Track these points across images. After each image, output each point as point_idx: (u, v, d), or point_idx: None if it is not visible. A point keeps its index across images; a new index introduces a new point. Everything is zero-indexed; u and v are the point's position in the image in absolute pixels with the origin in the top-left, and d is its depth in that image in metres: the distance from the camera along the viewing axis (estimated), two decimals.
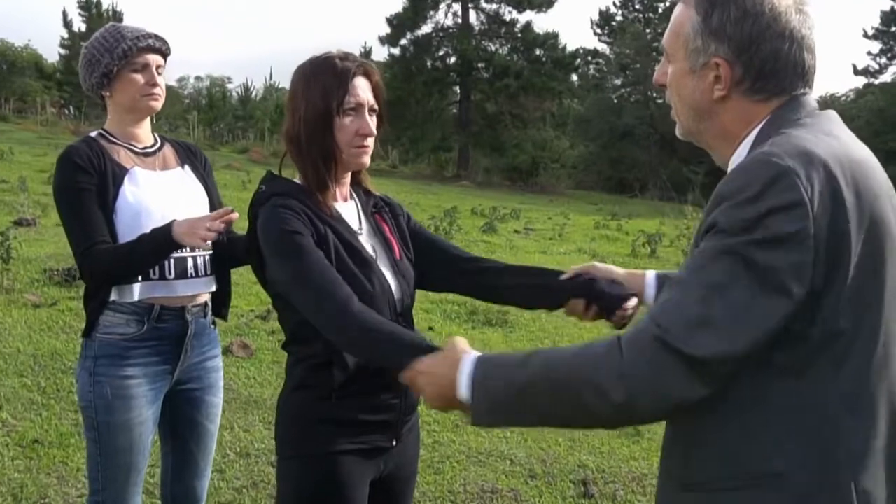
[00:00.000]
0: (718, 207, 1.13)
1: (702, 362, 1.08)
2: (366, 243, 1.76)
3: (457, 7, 29.71)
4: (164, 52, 2.24)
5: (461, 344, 1.35)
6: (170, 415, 2.28)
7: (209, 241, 1.99)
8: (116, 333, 2.12)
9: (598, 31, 37.62)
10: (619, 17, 36.83)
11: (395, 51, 29.86)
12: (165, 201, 2.16)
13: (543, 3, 29.30)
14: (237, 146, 26.85)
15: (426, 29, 30.05)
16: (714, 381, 1.11)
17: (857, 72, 35.62)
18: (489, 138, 29.13)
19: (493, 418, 1.27)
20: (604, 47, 37.64)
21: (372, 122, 1.73)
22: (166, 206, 2.15)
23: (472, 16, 29.87)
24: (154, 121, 2.37)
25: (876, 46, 34.55)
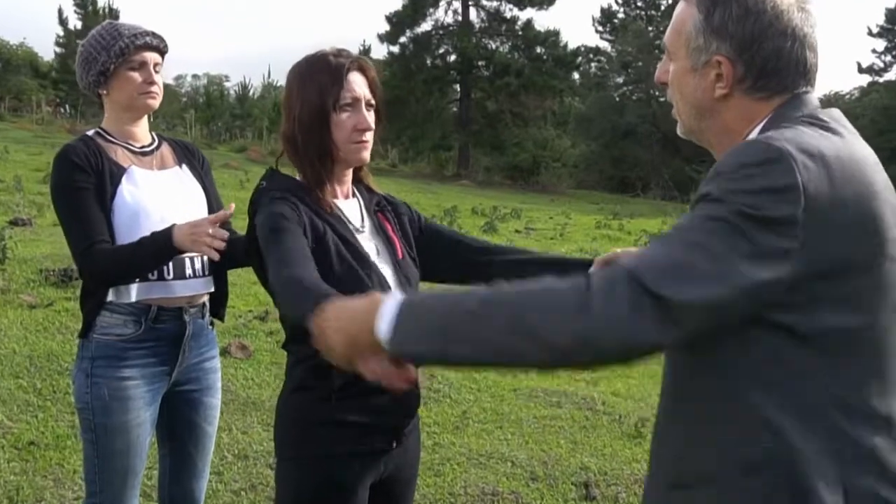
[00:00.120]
0: (712, 181, 1.13)
1: (669, 305, 1.05)
2: (367, 242, 1.75)
3: (457, 4, 29.73)
4: (161, 50, 2.23)
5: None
6: (167, 416, 2.27)
7: (218, 249, 1.95)
8: (113, 334, 2.11)
9: (600, 28, 37.63)
10: (620, 15, 36.82)
11: (395, 49, 29.88)
12: (163, 201, 2.15)
13: (544, 0, 29.29)
14: (235, 145, 26.83)
15: (426, 26, 30.08)
16: (679, 330, 1.07)
17: (861, 70, 35.69)
18: (490, 137, 29.12)
19: (417, 346, 1.17)
20: (605, 45, 37.68)
21: (369, 117, 1.72)
22: (164, 205, 2.14)
23: (473, 13, 29.90)
24: (151, 119, 2.36)
25: (881, 44, 34.60)
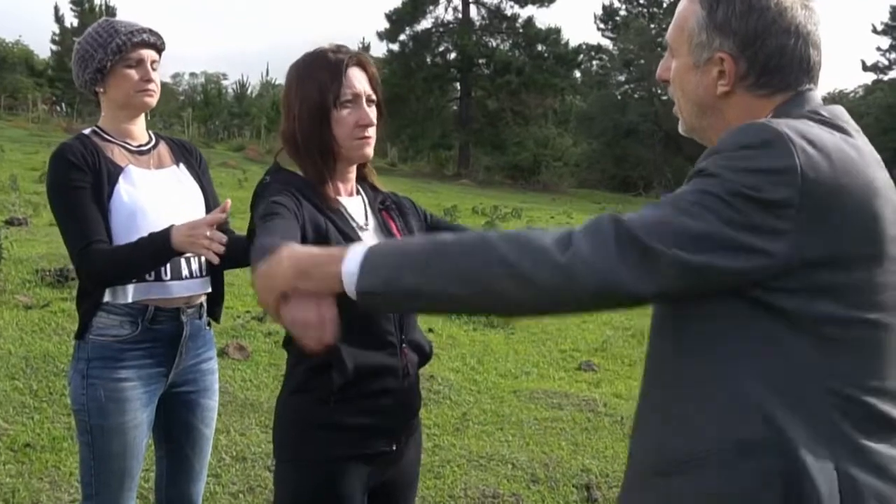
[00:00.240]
0: (709, 158, 1.13)
1: (654, 255, 1.05)
2: (371, 239, 1.73)
3: (457, 2, 29.80)
4: (158, 48, 2.21)
5: None
6: (164, 418, 2.25)
7: (218, 253, 1.93)
8: (110, 335, 2.10)
9: (602, 26, 37.58)
10: (622, 12, 36.78)
11: (394, 47, 29.91)
12: (160, 201, 2.13)
13: None
14: (233, 144, 26.89)
15: (426, 24, 30.13)
16: (659, 284, 1.07)
17: (865, 68, 35.60)
18: (490, 136, 29.13)
19: (387, 285, 1.12)
20: (607, 43, 37.67)
21: (371, 113, 1.71)
22: (161, 205, 2.12)
23: (473, 10, 29.95)
24: (148, 118, 2.34)
25: (885, 42, 34.58)
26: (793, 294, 1.09)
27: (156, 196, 2.13)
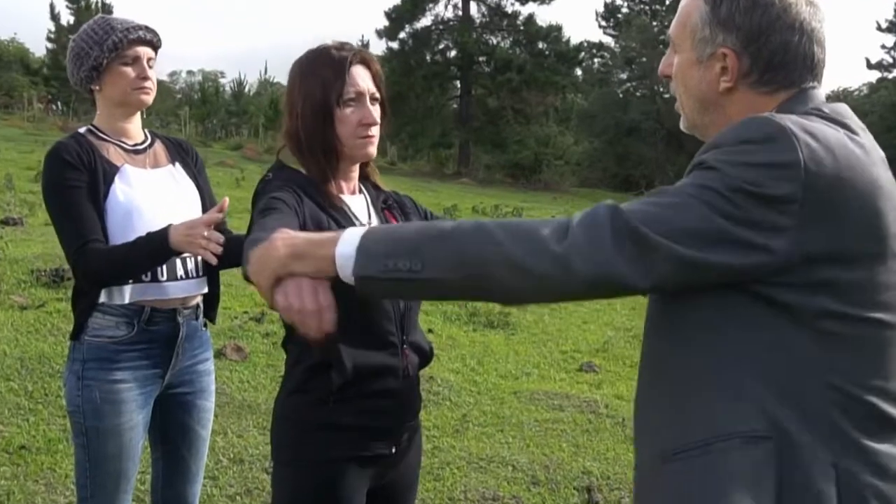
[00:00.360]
0: (709, 151, 1.12)
1: (650, 245, 1.05)
2: None
3: None
4: (155, 45, 2.20)
5: None
6: (160, 419, 2.24)
7: (216, 253, 1.92)
8: (106, 336, 2.09)
9: (603, 23, 37.45)
10: (624, 10, 36.63)
11: (394, 44, 29.80)
12: (156, 200, 2.12)
13: None
14: (230, 143, 26.84)
15: (426, 22, 30.02)
16: (653, 277, 1.06)
17: (870, 65, 35.50)
18: (490, 134, 29.08)
19: (383, 267, 1.11)
20: (609, 40, 37.50)
21: (375, 111, 1.70)
22: (157, 205, 2.11)
23: (473, 8, 29.86)
24: (144, 116, 2.33)
25: (890, 39, 34.45)
26: (794, 288, 1.08)
27: (152, 195, 2.12)
